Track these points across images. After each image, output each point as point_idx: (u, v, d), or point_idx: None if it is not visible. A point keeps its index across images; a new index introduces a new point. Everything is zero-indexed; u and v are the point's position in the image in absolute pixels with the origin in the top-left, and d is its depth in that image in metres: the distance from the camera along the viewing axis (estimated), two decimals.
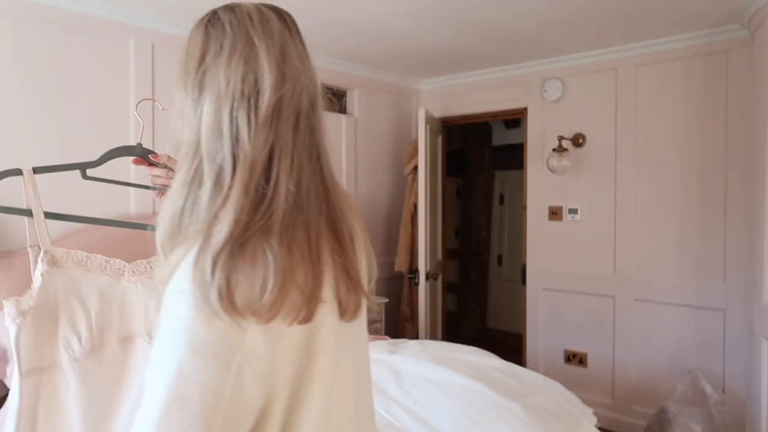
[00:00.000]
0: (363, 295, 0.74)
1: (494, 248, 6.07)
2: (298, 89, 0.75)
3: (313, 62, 0.83)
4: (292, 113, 0.73)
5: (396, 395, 1.96)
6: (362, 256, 0.80)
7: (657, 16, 2.95)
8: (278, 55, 0.74)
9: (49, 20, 2.64)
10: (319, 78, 0.82)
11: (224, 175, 0.68)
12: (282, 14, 0.81)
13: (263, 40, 0.74)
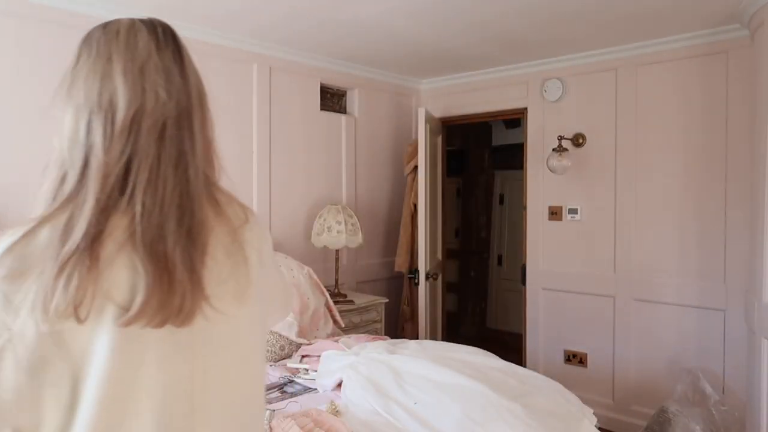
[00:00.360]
0: (196, 306, 0.73)
1: (494, 248, 6.07)
2: (161, 102, 0.75)
3: (192, 73, 0.83)
4: (154, 126, 0.74)
5: (396, 395, 1.96)
6: (238, 265, 0.80)
7: (657, 16, 2.95)
8: (136, 71, 0.75)
9: (50, 20, 2.64)
10: (197, 88, 0.82)
11: (72, 183, 0.72)
12: (155, 28, 0.84)
13: (122, 56, 0.76)
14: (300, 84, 3.76)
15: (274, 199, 3.62)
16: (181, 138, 0.76)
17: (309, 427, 1.73)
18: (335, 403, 1.98)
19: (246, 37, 3.33)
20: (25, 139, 2.60)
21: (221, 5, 2.81)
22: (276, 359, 2.70)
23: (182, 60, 0.84)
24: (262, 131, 3.54)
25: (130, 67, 0.76)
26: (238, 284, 0.80)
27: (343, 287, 3.99)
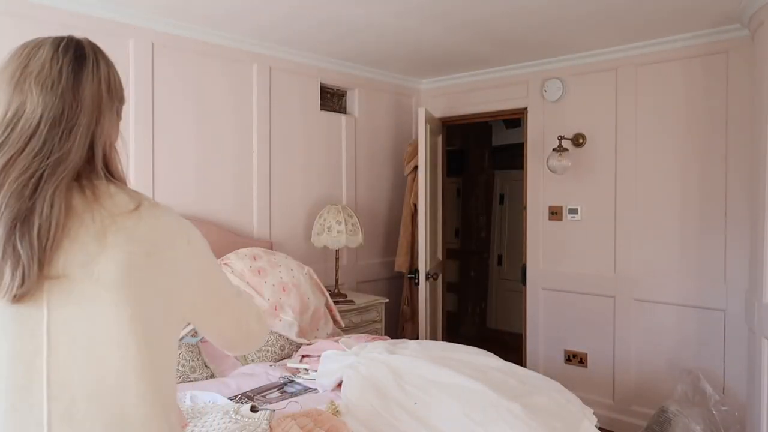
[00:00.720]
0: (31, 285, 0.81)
1: (494, 248, 6.07)
2: (39, 106, 0.87)
3: (89, 82, 0.92)
4: (27, 125, 0.86)
5: (396, 395, 1.95)
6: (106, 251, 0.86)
7: (657, 16, 2.95)
8: (22, 80, 0.88)
9: (50, 20, 2.64)
10: (92, 95, 0.92)
11: None
12: (59, 45, 0.93)
13: (16, 68, 0.89)
14: (300, 84, 3.76)
15: (274, 199, 3.62)
16: (52, 136, 0.86)
17: (309, 427, 1.73)
18: (335, 403, 1.98)
19: (246, 37, 3.33)
20: None
21: (221, 5, 2.81)
22: (276, 359, 2.70)
23: (79, 71, 0.92)
24: (262, 131, 3.54)
25: (17, 76, 0.88)
26: (104, 269, 0.84)
27: (343, 287, 3.99)
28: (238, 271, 2.81)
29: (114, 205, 0.89)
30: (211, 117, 3.30)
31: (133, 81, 2.94)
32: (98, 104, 0.92)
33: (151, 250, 0.90)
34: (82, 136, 0.89)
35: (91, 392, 0.85)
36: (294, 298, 2.86)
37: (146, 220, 0.91)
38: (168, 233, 0.94)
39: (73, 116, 0.89)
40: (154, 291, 0.90)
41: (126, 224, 0.88)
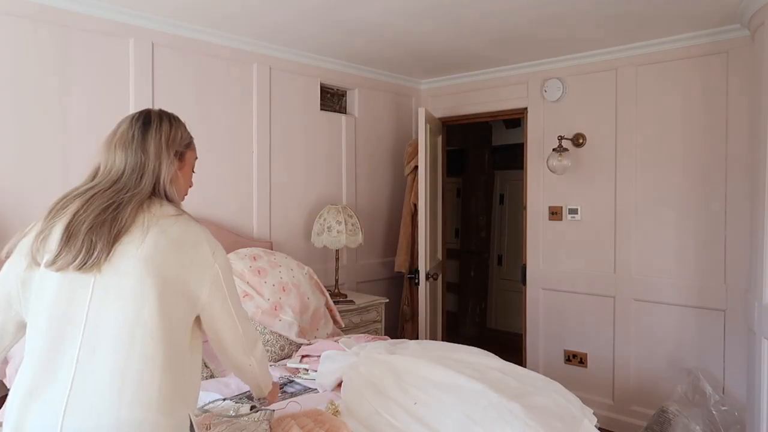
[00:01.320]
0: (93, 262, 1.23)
1: (494, 248, 6.07)
2: (119, 160, 1.35)
3: (154, 140, 1.37)
4: (114, 172, 1.35)
5: (396, 395, 1.95)
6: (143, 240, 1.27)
7: (657, 16, 2.95)
8: (110, 144, 1.38)
9: (50, 20, 2.64)
10: (156, 150, 1.37)
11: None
12: (134, 117, 1.41)
13: (106, 139, 1.40)
14: (300, 84, 3.76)
15: (274, 199, 3.62)
16: (131, 179, 1.32)
17: (309, 427, 1.73)
18: (335, 403, 1.98)
19: (246, 37, 3.33)
20: (25, 138, 2.60)
21: (221, 5, 2.81)
22: (276, 359, 2.70)
23: (146, 132, 1.37)
24: (262, 131, 3.54)
25: (109, 142, 1.38)
26: (142, 249, 1.25)
27: (343, 287, 3.99)
28: (238, 271, 2.81)
29: (161, 212, 1.31)
30: (211, 117, 3.30)
31: (133, 81, 2.94)
32: (159, 154, 1.36)
33: (177, 243, 1.30)
34: (148, 177, 1.33)
35: (111, 337, 1.20)
36: (294, 298, 2.86)
37: (180, 225, 1.32)
38: (194, 238, 1.33)
39: (142, 165, 1.33)
40: (174, 271, 1.27)
41: (164, 224, 1.30)
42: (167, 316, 1.24)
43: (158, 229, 1.27)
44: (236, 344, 1.44)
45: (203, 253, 1.32)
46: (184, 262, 1.29)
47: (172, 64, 3.11)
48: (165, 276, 1.25)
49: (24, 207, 2.59)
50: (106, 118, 2.86)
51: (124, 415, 1.16)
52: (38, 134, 2.64)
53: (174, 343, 1.25)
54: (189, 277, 1.29)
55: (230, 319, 1.39)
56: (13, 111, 2.56)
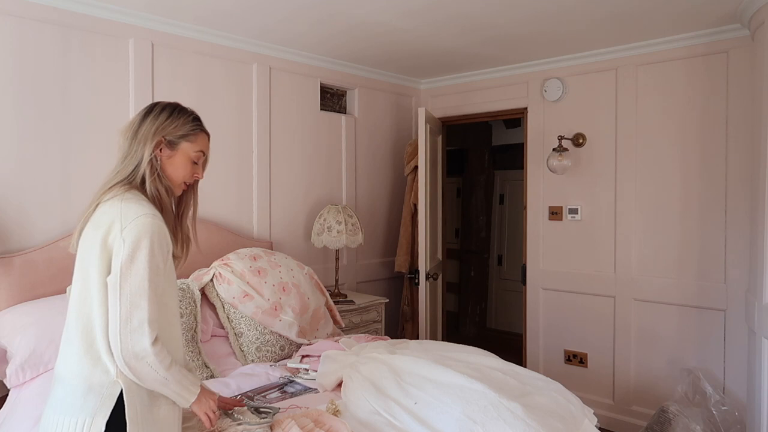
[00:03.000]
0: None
1: (494, 248, 6.07)
2: (120, 150, 1.54)
3: (147, 124, 1.51)
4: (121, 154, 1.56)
5: (396, 395, 1.95)
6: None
7: (657, 16, 2.95)
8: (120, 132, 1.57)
9: (49, 20, 2.64)
10: (145, 135, 1.51)
11: None
12: (146, 107, 1.57)
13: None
14: (300, 84, 3.76)
15: (274, 199, 3.62)
16: (121, 164, 1.52)
17: (309, 427, 1.73)
18: (335, 403, 1.98)
19: (246, 37, 3.33)
20: (25, 138, 2.60)
21: (221, 5, 2.81)
22: (276, 359, 2.70)
23: (143, 120, 1.51)
24: (262, 131, 3.54)
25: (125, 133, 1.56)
26: (82, 232, 1.52)
27: (343, 287, 3.99)
28: (238, 271, 2.81)
29: (107, 196, 1.49)
30: (211, 117, 3.29)
31: (133, 81, 2.94)
32: (144, 140, 1.48)
33: (95, 227, 1.45)
34: (130, 161, 1.49)
35: (71, 303, 1.49)
36: (294, 298, 2.86)
37: (103, 207, 1.47)
38: (109, 218, 1.43)
39: (130, 150, 1.49)
40: (91, 261, 1.43)
41: (98, 209, 1.48)
42: (87, 287, 1.43)
43: (92, 215, 1.48)
44: (110, 329, 1.38)
45: (113, 233, 1.41)
46: (95, 251, 1.41)
47: (172, 64, 3.11)
48: (86, 265, 1.43)
49: (24, 207, 2.59)
50: (106, 118, 2.86)
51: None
52: (38, 134, 2.64)
53: (86, 308, 1.43)
54: (102, 264, 1.41)
55: (113, 294, 1.37)
56: (13, 111, 2.56)
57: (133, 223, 1.39)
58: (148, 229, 1.39)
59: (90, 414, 1.37)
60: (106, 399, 1.38)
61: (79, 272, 1.47)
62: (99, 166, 2.84)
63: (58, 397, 1.43)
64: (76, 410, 1.39)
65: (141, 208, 1.42)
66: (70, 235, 2.63)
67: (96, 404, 1.38)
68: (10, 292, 2.44)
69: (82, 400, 1.38)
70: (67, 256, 2.60)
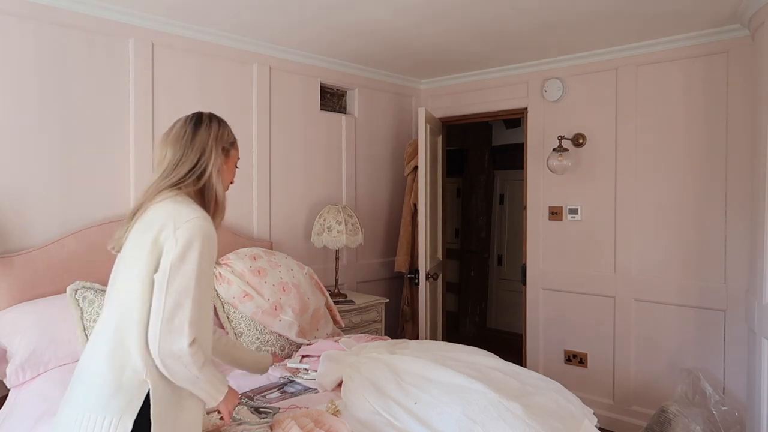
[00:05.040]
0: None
1: (494, 248, 6.07)
2: (169, 154, 1.58)
3: (200, 136, 1.59)
4: (159, 162, 1.61)
5: (396, 395, 1.95)
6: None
7: (657, 16, 2.95)
8: (164, 141, 1.63)
9: (49, 20, 2.64)
10: (200, 145, 1.58)
11: None
12: (188, 117, 1.63)
13: (163, 136, 1.65)
14: (300, 84, 3.76)
15: (274, 199, 3.62)
16: (176, 169, 1.55)
17: (309, 427, 1.73)
18: (335, 403, 1.98)
19: (246, 37, 3.33)
20: (25, 138, 2.60)
21: (221, 6, 2.81)
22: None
23: (195, 129, 1.58)
24: (262, 131, 3.54)
25: (166, 138, 1.60)
26: (131, 228, 1.54)
27: (343, 287, 3.99)
28: (238, 271, 2.81)
29: (159, 197, 1.52)
30: None
31: (133, 81, 2.94)
32: (207, 149, 1.56)
33: (146, 228, 1.46)
34: (189, 166, 1.54)
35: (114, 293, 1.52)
36: (294, 298, 2.86)
37: (155, 207, 1.50)
38: (163, 218, 1.45)
39: (190, 157, 1.54)
40: (140, 261, 1.43)
41: (149, 210, 1.50)
42: (129, 284, 1.44)
43: (143, 215, 1.50)
44: (151, 325, 1.40)
45: (165, 232, 1.43)
46: (145, 249, 1.43)
47: (172, 64, 3.11)
48: (135, 263, 1.44)
49: (24, 207, 2.59)
50: (106, 118, 2.86)
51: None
52: (38, 134, 2.64)
53: (124, 305, 1.44)
54: (151, 262, 1.42)
55: (159, 292, 1.39)
56: (13, 111, 2.56)
57: (187, 224, 1.42)
58: (201, 232, 1.43)
59: (117, 413, 1.36)
60: (134, 398, 1.38)
61: (122, 271, 1.48)
62: (99, 166, 2.85)
63: (81, 393, 1.41)
64: (102, 408, 1.37)
65: (194, 211, 1.46)
66: (70, 235, 2.66)
67: (124, 403, 1.37)
68: (10, 292, 2.44)
69: (109, 399, 1.37)
70: (67, 256, 2.61)
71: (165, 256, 1.40)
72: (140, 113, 2.98)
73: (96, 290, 2.24)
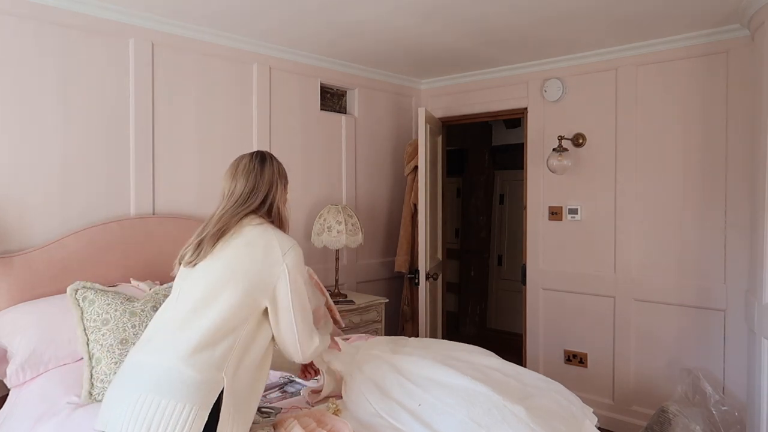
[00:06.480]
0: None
1: (494, 248, 6.07)
2: (240, 186, 1.79)
3: (268, 171, 1.84)
4: (234, 194, 1.81)
5: (399, 397, 1.92)
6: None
7: (657, 16, 2.95)
8: (235, 173, 1.83)
9: (50, 20, 2.64)
10: (269, 179, 1.82)
11: None
12: (253, 155, 1.86)
13: (230, 169, 1.86)
14: (300, 84, 3.76)
15: None
16: (249, 198, 1.77)
17: (311, 427, 1.73)
18: (335, 402, 1.98)
19: (246, 36, 3.33)
20: (25, 138, 2.60)
21: (221, 6, 2.81)
22: None
23: (262, 165, 1.82)
24: (262, 131, 3.54)
25: (234, 172, 1.81)
26: (223, 252, 1.71)
27: (343, 287, 3.99)
28: None
29: (247, 221, 1.75)
30: (211, 117, 3.30)
31: (133, 81, 2.94)
32: (274, 182, 1.82)
33: (250, 244, 1.69)
34: (260, 197, 1.78)
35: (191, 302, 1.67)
36: None
37: (256, 230, 1.72)
38: (266, 241, 1.70)
39: (259, 188, 1.78)
40: (245, 267, 1.65)
41: (245, 230, 1.73)
42: (231, 299, 1.61)
43: (239, 234, 1.71)
44: (289, 338, 1.70)
45: (274, 253, 1.67)
46: (254, 259, 1.66)
47: (172, 64, 3.10)
48: (237, 269, 1.64)
49: (24, 207, 2.59)
50: (106, 118, 2.86)
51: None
52: (38, 134, 2.64)
53: (228, 321, 1.59)
54: (259, 271, 1.64)
55: (288, 314, 1.67)
56: (13, 111, 2.56)
57: (291, 250, 1.69)
58: (301, 256, 1.73)
59: (198, 404, 1.48)
60: (212, 393, 1.51)
61: (213, 278, 1.65)
62: (99, 166, 2.84)
63: (153, 381, 1.52)
64: (183, 396, 1.48)
65: (290, 238, 1.75)
66: (70, 235, 2.66)
67: (204, 396, 1.50)
68: (10, 292, 2.44)
69: (192, 390, 1.49)
70: (67, 256, 2.60)
71: (281, 281, 1.66)
72: (140, 113, 2.98)
73: (96, 290, 2.23)
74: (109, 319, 2.17)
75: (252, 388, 1.62)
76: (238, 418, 1.56)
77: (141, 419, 1.45)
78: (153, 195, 3.03)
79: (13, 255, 2.49)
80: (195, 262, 1.69)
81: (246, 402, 1.60)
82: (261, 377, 1.67)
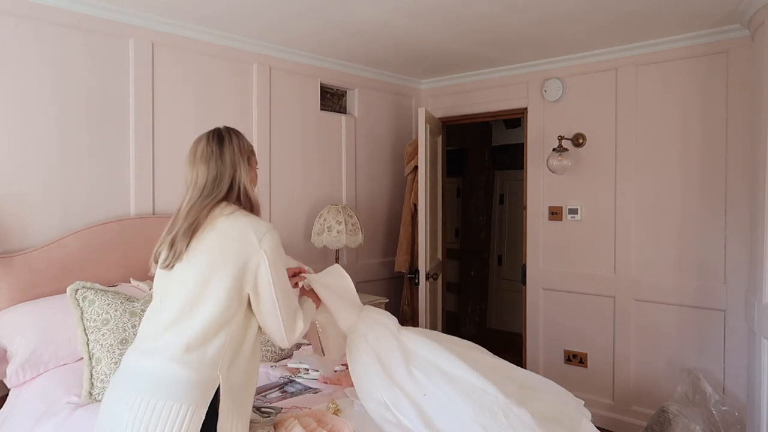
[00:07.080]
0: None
1: (494, 248, 6.07)
2: (203, 174, 1.67)
3: (228, 152, 1.70)
4: (197, 183, 1.69)
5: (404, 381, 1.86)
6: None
7: (657, 16, 2.95)
8: (193, 160, 1.70)
9: (50, 20, 2.64)
10: (231, 161, 1.70)
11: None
12: (209, 134, 1.75)
13: (189, 156, 1.74)
14: (300, 84, 3.76)
15: (274, 199, 3.62)
16: (213, 186, 1.65)
17: (312, 427, 1.73)
18: (335, 402, 1.98)
19: (246, 37, 3.33)
20: (25, 138, 2.60)
21: (221, 6, 2.81)
22: (276, 359, 2.70)
23: (221, 147, 1.69)
24: (262, 131, 3.54)
25: (193, 159, 1.69)
26: (199, 246, 1.63)
27: None
28: None
29: (219, 213, 1.64)
30: (211, 117, 3.30)
31: (133, 81, 2.94)
32: (234, 163, 1.68)
33: (224, 235, 1.61)
34: (226, 182, 1.66)
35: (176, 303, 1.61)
36: None
37: (229, 220, 1.63)
38: (240, 230, 1.61)
39: (222, 173, 1.66)
40: (224, 261, 1.58)
41: (217, 222, 1.63)
42: (218, 296, 1.56)
43: (212, 227, 1.61)
44: (273, 324, 1.64)
45: (250, 242, 1.59)
46: (232, 251, 1.58)
47: (172, 64, 3.11)
48: (218, 266, 1.57)
49: (24, 207, 2.59)
50: (106, 118, 2.86)
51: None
52: (38, 134, 2.64)
53: (219, 317, 1.55)
54: (239, 264, 1.57)
55: (270, 300, 1.60)
56: (13, 111, 2.56)
57: (266, 235, 1.61)
58: (278, 239, 1.65)
59: (195, 402, 1.48)
60: (208, 391, 1.51)
61: (194, 276, 1.59)
62: (99, 166, 2.84)
63: (147, 383, 1.51)
64: (179, 396, 1.48)
65: (264, 222, 1.66)
66: (70, 235, 2.66)
67: (201, 395, 1.50)
68: (10, 292, 2.44)
69: (187, 390, 1.49)
70: (67, 256, 2.61)
71: (261, 268, 1.59)
72: (140, 113, 2.98)
73: (96, 290, 2.23)
74: (109, 319, 2.17)
75: (247, 380, 1.62)
76: (237, 412, 1.57)
77: (139, 421, 1.46)
78: (153, 195, 3.03)
79: (13, 255, 2.49)
80: (171, 264, 1.61)
81: (243, 395, 1.60)
82: (254, 368, 1.67)
